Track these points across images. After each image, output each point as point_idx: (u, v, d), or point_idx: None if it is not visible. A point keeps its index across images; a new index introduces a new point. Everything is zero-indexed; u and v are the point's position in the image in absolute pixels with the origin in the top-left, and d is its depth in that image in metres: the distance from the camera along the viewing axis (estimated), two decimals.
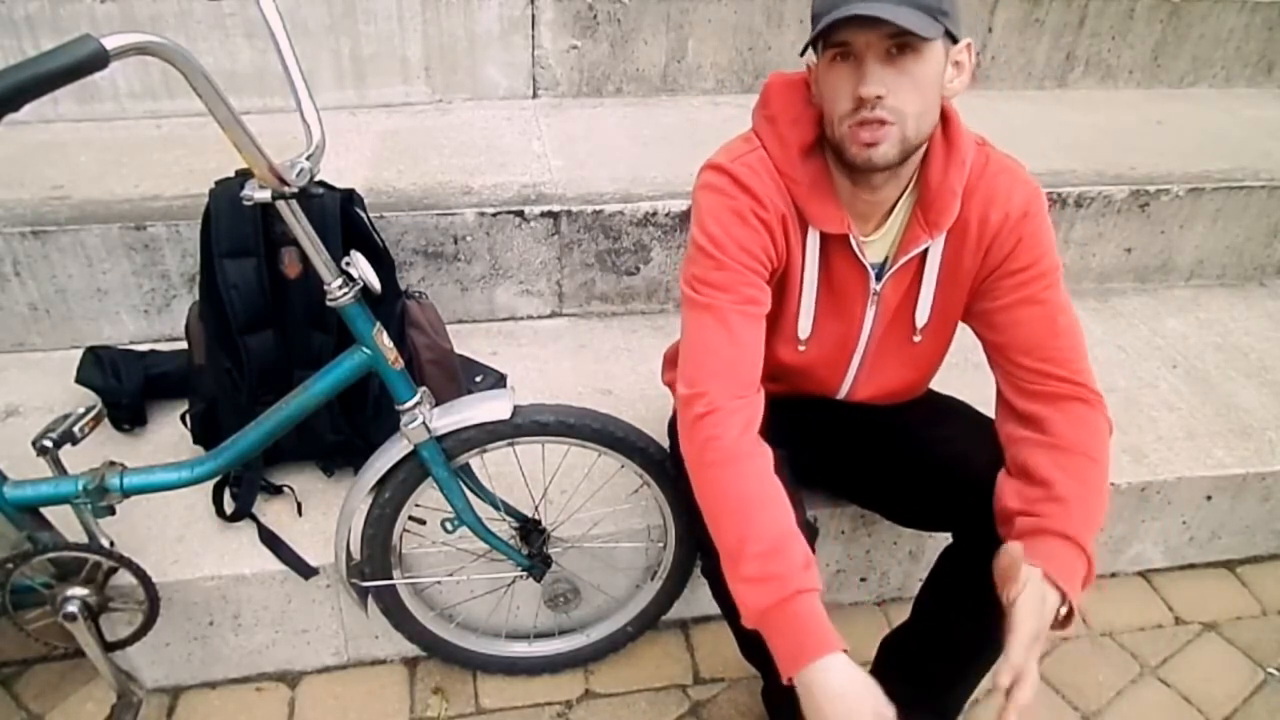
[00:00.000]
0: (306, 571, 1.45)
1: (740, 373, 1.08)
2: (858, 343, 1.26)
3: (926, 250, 1.17)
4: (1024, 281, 1.14)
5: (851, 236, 1.15)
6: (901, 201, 1.15)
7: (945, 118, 1.11)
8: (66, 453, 1.25)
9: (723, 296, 1.09)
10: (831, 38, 1.00)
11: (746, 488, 1.03)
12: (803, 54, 1.07)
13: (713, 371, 1.07)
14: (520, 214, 1.97)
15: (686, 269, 1.13)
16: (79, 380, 1.70)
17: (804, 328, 1.24)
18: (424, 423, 1.25)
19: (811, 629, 0.97)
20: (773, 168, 1.12)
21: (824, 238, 1.16)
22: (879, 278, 1.20)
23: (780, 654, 0.98)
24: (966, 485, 1.17)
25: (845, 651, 0.96)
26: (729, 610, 1.31)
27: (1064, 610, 1.01)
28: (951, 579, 1.29)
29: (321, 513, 1.55)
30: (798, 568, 0.99)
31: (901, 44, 0.97)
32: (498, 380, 1.86)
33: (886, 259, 1.19)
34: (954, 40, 1.02)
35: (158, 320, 1.94)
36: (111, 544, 1.31)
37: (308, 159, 1.10)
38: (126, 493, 1.25)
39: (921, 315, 1.23)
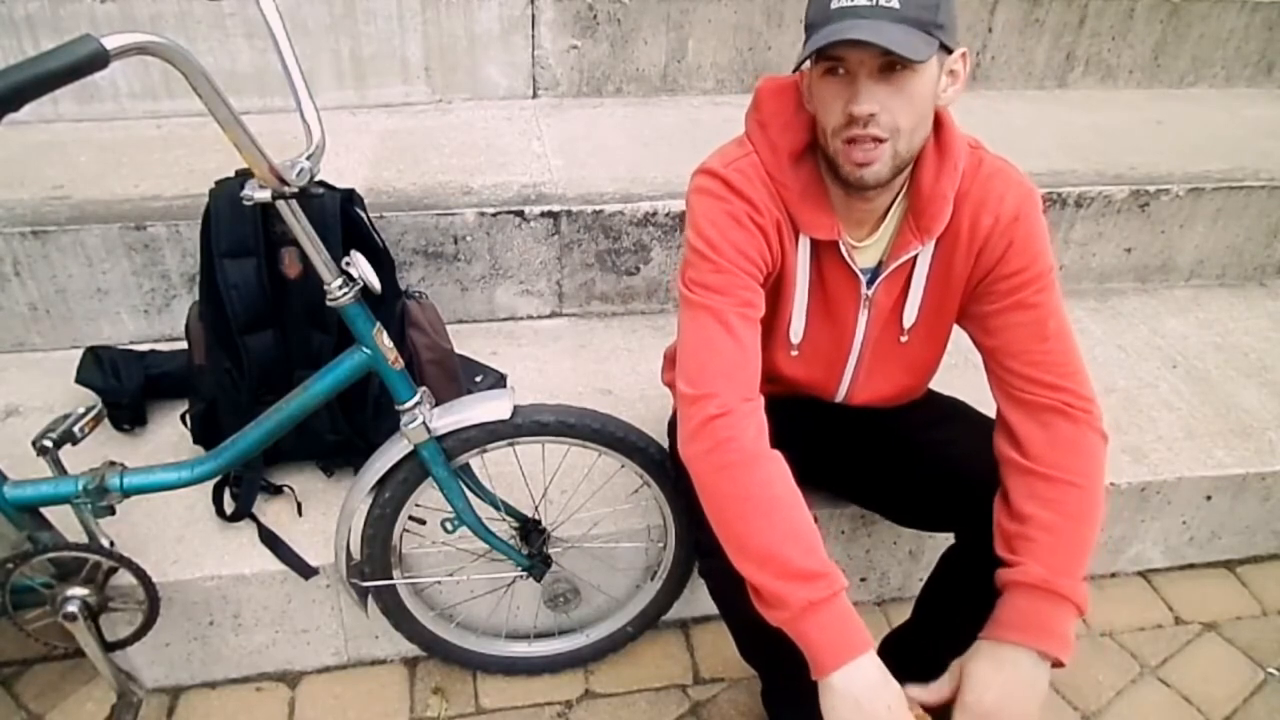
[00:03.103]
0: (306, 571, 1.45)
1: (745, 375, 1.08)
2: (851, 347, 1.26)
3: (917, 255, 1.17)
4: (1016, 286, 1.13)
5: (841, 243, 1.15)
6: (895, 207, 1.15)
7: (938, 122, 1.10)
8: (66, 453, 1.25)
9: (721, 299, 1.09)
10: (825, 53, 0.99)
11: (774, 489, 1.03)
12: (795, 70, 1.07)
13: (719, 372, 1.07)
14: (520, 214, 1.97)
15: (684, 272, 1.13)
16: (79, 380, 1.70)
17: (796, 332, 1.24)
18: (424, 423, 1.25)
19: (854, 626, 0.98)
20: (765, 173, 1.12)
21: (815, 243, 1.16)
22: (872, 282, 1.20)
23: (819, 650, 0.98)
24: (968, 487, 1.17)
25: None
26: (728, 611, 1.32)
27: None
28: (953, 580, 1.29)
29: (321, 513, 1.55)
30: (833, 565, 1.00)
31: (894, 61, 0.96)
32: (498, 380, 1.86)
33: (880, 263, 1.19)
34: (948, 50, 1.01)
35: (158, 320, 1.94)
36: (111, 544, 1.31)
37: (308, 159, 1.10)
38: (126, 493, 1.25)
39: (909, 316, 1.23)
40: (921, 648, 1.34)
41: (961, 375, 1.45)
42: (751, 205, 1.11)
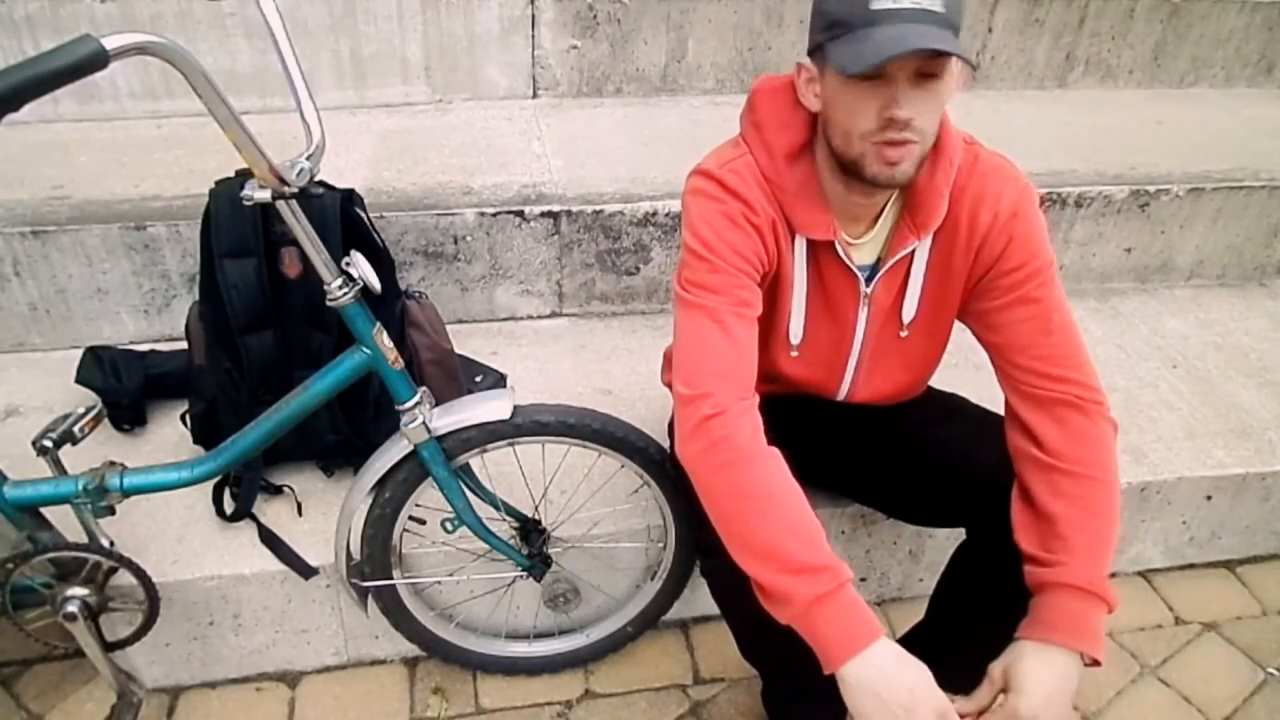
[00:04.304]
0: (306, 571, 1.45)
1: (740, 374, 1.08)
2: (852, 345, 1.26)
3: (915, 250, 1.18)
4: (1018, 281, 1.14)
5: (837, 242, 1.15)
6: (891, 203, 1.16)
7: None
8: (66, 453, 1.25)
9: (717, 298, 1.09)
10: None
11: (772, 485, 1.03)
12: (807, 55, 1.06)
13: (714, 372, 1.07)
14: (520, 214, 1.97)
15: (680, 273, 1.13)
16: (79, 380, 1.70)
17: (795, 332, 1.24)
18: (424, 423, 1.25)
19: (862, 616, 0.98)
20: (760, 173, 1.12)
21: (812, 243, 1.16)
22: (870, 280, 1.20)
23: (829, 643, 0.97)
24: (976, 481, 1.17)
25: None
26: (729, 610, 1.32)
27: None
28: (969, 575, 1.29)
29: (321, 513, 1.55)
30: (836, 558, 1.00)
31: (935, 66, 0.96)
32: (498, 380, 1.86)
33: (878, 260, 1.19)
34: None
35: (158, 320, 1.94)
36: (111, 544, 1.31)
37: (308, 159, 1.10)
38: (126, 493, 1.25)
39: (908, 311, 1.23)
40: (939, 645, 1.33)
41: (961, 374, 1.45)
42: (747, 205, 1.11)
